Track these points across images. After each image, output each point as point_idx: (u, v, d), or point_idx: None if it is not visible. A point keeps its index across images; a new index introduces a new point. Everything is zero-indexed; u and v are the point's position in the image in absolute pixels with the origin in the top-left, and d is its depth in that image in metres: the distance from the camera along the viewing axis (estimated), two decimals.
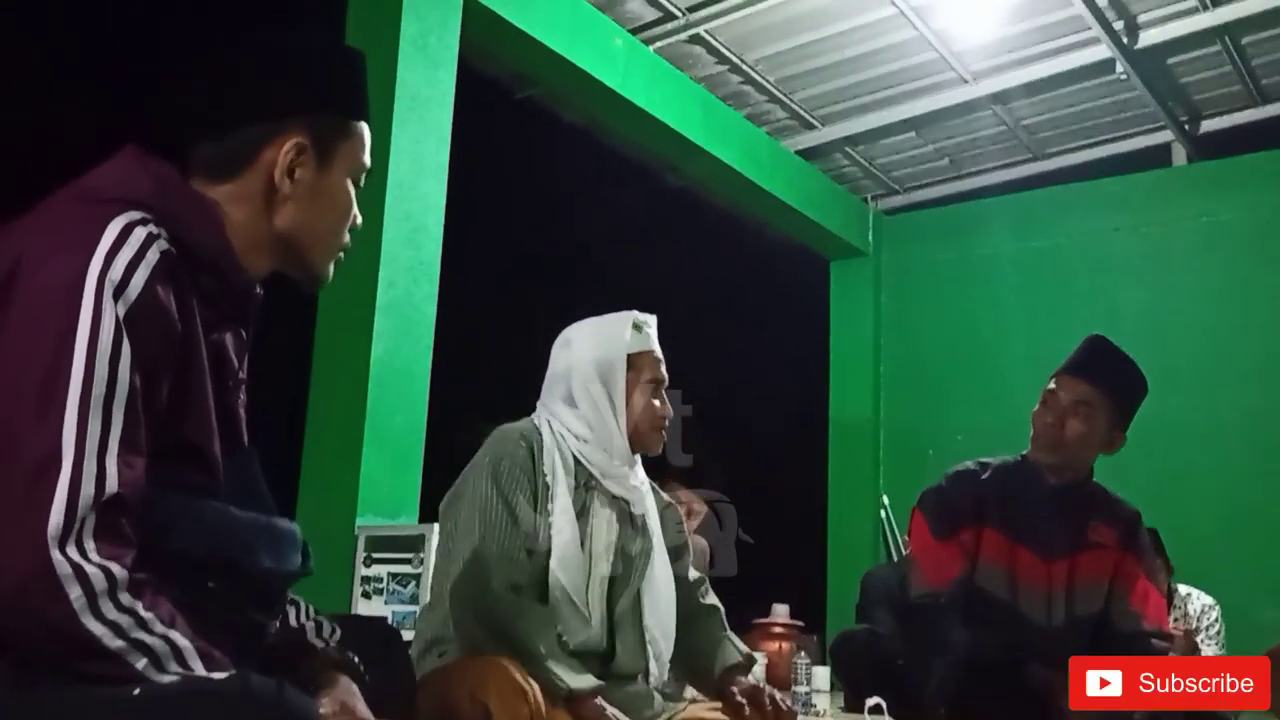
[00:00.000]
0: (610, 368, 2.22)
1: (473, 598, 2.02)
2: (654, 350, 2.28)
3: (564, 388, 2.25)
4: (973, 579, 2.76)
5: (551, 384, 2.29)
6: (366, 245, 4.33)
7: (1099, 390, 2.72)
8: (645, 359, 2.26)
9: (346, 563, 4.18)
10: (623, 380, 2.22)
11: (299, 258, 1.40)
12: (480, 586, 2.02)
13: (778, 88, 6.41)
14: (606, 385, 2.22)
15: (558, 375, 2.28)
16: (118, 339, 1.14)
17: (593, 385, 2.22)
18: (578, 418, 2.22)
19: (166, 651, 1.10)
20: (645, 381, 2.24)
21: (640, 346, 2.26)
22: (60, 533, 1.06)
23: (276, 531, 1.32)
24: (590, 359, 2.23)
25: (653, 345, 2.29)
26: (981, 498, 2.80)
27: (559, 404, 2.25)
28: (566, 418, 2.23)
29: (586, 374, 2.23)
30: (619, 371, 2.22)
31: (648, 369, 2.26)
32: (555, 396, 2.26)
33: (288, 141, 1.34)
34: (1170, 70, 6.09)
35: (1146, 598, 2.77)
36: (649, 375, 2.25)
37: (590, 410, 2.21)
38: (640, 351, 2.25)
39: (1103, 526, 2.81)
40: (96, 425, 1.11)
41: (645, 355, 2.26)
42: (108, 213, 1.20)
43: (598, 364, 2.22)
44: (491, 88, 5.71)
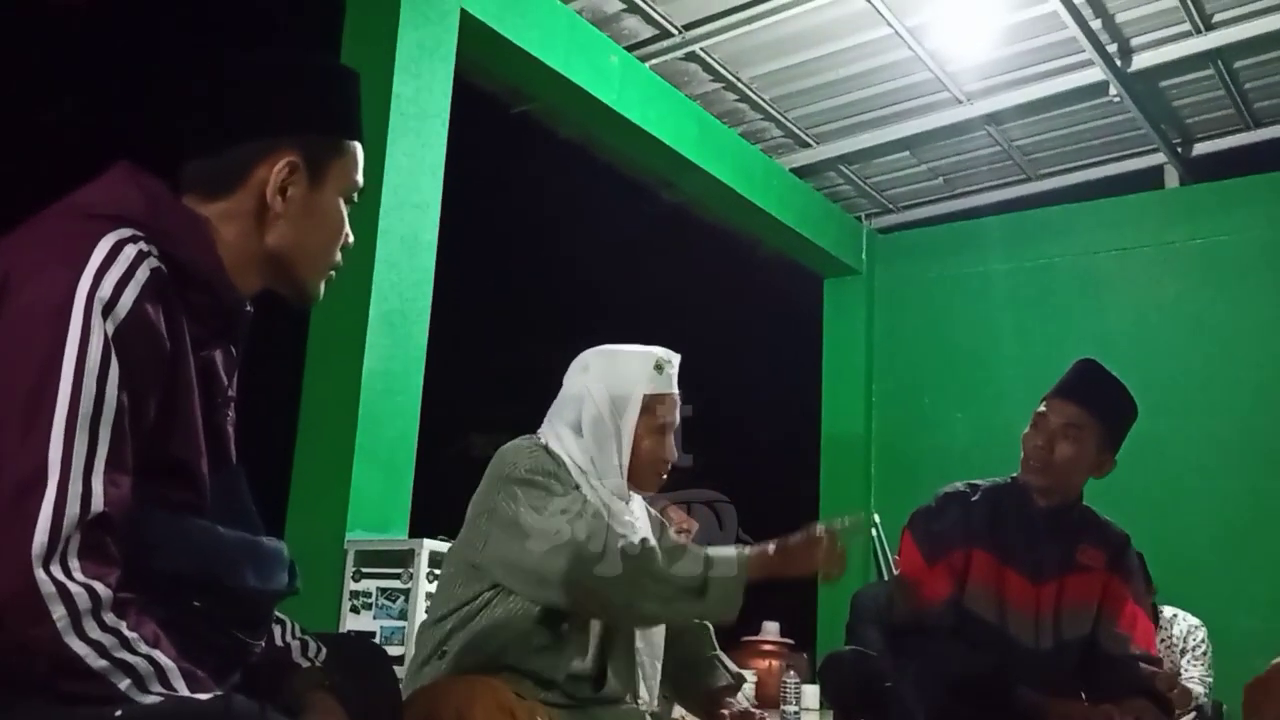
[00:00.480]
0: (624, 405, 2.16)
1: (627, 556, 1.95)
2: (672, 392, 2.21)
3: (574, 414, 2.19)
4: (961, 601, 2.76)
5: (561, 406, 2.23)
6: (360, 258, 4.32)
7: (1089, 413, 2.72)
8: (661, 401, 2.19)
9: (335, 577, 4.16)
10: (634, 421, 2.15)
11: (290, 276, 1.40)
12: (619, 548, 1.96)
13: (773, 106, 6.43)
14: (616, 422, 2.15)
15: (569, 399, 2.22)
16: (106, 357, 1.13)
17: (602, 421, 2.16)
18: (581, 448, 2.17)
19: (150, 671, 1.09)
20: (657, 424, 2.18)
21: (658, 389, 2.18)
22: (45, 551, 1.06)
23: (263, 550, 1.32)
24: (605, 392, 2.17)
25: (672, 388, 2.21)
26: (971, 520, 2.80)
27: (565, 428, 2.20)
28: (570, 444, 2.18)
29: (599, 407, 2.16)
30: (632, 412, 2.15)
31: (661, 412, 2.18)
32: (563, 420, 2.21)
33: (280, 160, 1.34)
34: (1163, 93, 6.12)
35: (1135, 621, 2.76)
36: (662, 419, 2.18)
37: (594, 443, 2.16)
38: (658, 393, 2.18)
39: (1091, 549, 2.80)
40: (83, 444, 1.10)
41: (663, 397, 2.19)
42: (98, 229, 1.20)
43: (612, 399, 2.16)
44: (487, 102, 5.73)
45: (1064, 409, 2.73)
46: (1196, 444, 6.20)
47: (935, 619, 2.73)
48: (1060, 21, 5.32)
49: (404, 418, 4.45)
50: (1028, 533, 2.77)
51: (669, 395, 2.21)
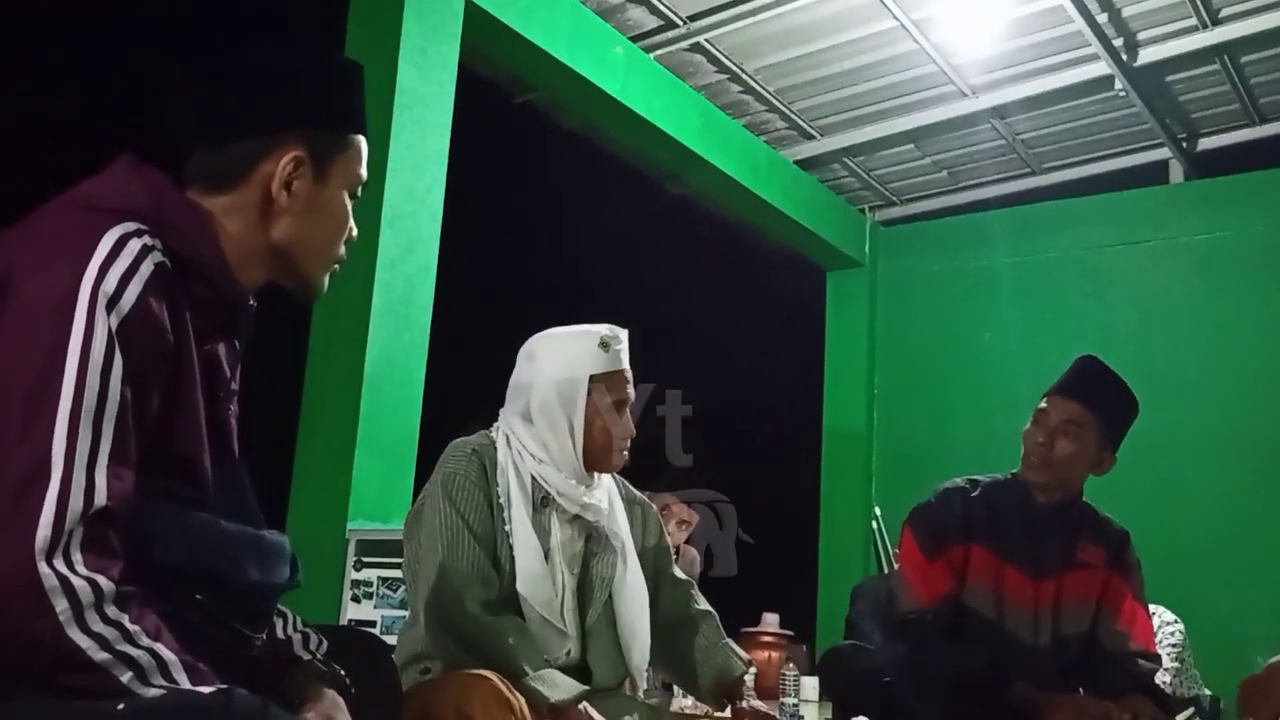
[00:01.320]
0: (571, 389, 2.15)
1: (445, 617, 2.00)
2: (622, 369, 2.20)
3: (523, 403, 2.19)
4: (960, 597, 2.77)
5: (513, 396, 2.23)
6: (363, 249, 4.32)
7: (1089, 410, 2.72)
8: (611, 379, 2.18)
9: (337, 566, 4.17)
10: (583, 403, 2.14)
11: (294, 270, 1.40)
12: (452, 605, 2.00)
13: (777, 98, 6.42)
14: (565, 407, 2.15)
15: (519, 388, 2.22)
16: (110, 351, 1.13)
17: (550, 407, 2.15)
18: (533, 436, 2.16)
19: (152, 664, 1.10)
20: (609, 403, 2.17)
21: (605, 366, 2.17)
22: (48, 545, 1.06)
23: (265, 544, 1.32)
24: (551, 378, 2.16)
25: (621, 364, 2.20)
26: (970, 515, 2.81)
27: (517, 419, 2.19)
28: (523, 435, 2.18)
29: (546, 393, 2.16)
30: (579, 394, 2.14)
31: (612, 390, 2.17)
32: (514, 410, 2.21)
33: (285, 154, 1.34)
34: (1168, 88, 6.11)
35: (1134, 618, 2.77)
36: (613, 396, 2.17)
37: (546, 430, 2.15)
38: (606, 371, 2.17)
39: (1091, 546, 2.81)
40: (86, 437, 1.11)
41: (611, 375, 2.18)
42: (102, 223, 1.20)
43: (558, 384, 2.15)
44: (490, 92, 5.72)
45: (1065, 406, 2.73)
46: (1199, 440, 6.20)
47: (934, 614, 2.74)
48: (1066, 15, 5.31)
49: (406, 408, 4.45)
50: (1027, 529, 2.78)
51: (618, 372, 2.20)
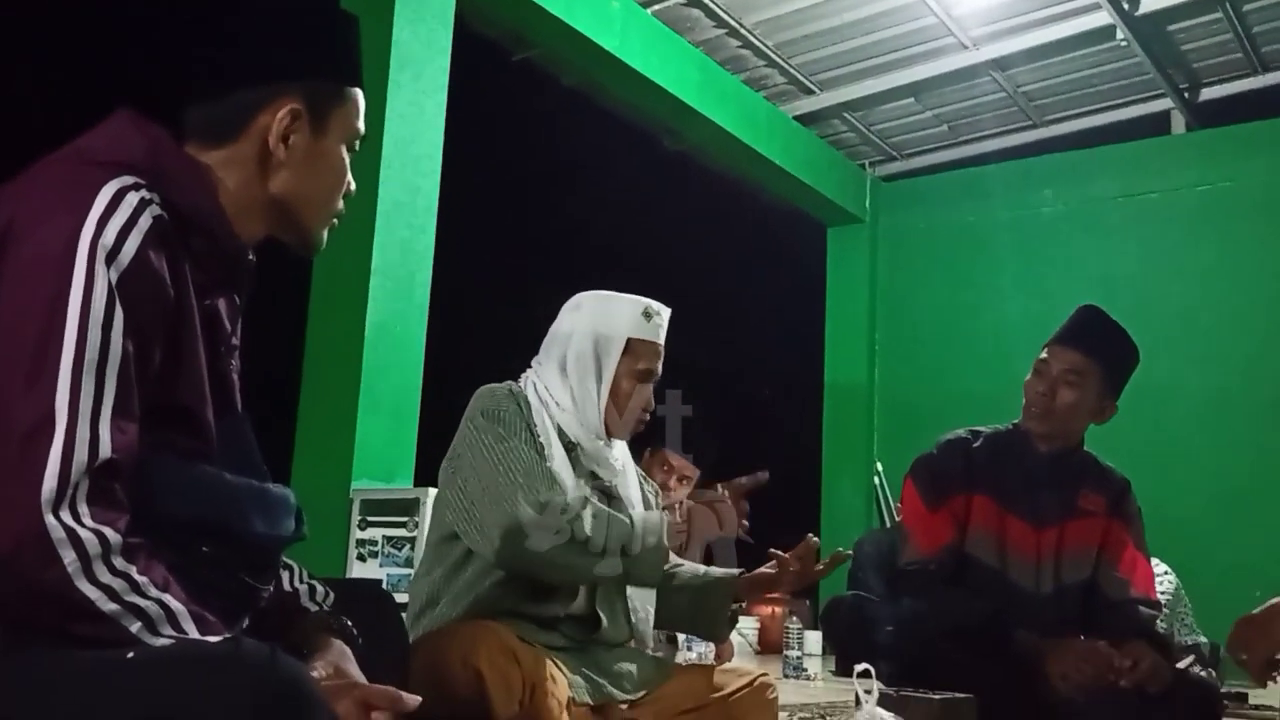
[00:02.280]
0: (608, 344, 2.19)
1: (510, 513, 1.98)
2: (657, 342, 2.24)
3: (560, 351, 2.23)
4: (962, 546, 2.78)
5: (550, 343, 2.27)
6: (362, 209, 4.32)
7: (1090, 360, 2.72)
8: (645, 347, 2.21)
9: (341, 526, 4.20)
10: (615, 361, 2.19)
11: (293, 224, 1.40)
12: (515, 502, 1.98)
13: (776, 52, 6.37)
14: (598, 361, 2.19)
15: (559, 337, 2.26)
16: (110, 304, 1.13)
17: (584, 358, 2.19)
18: (564, 385, 2.20)
19: (160, 615, 1.11)
20: (637, 369, 2.20)
21: (643, 334, 2.21)
22: (54, 497, 1.07)
23: (269, 497, 1.33)
24: (591, 330, 2.21)
25: (658, 337, 2.24)
26: (972, 465, 2.82)
27: (552, 367, 2.23)
28: (554, 384, 2.21)
29: (583, 344, 2.20)
30: (615, 351, 2.19)
31: (644, 358, 2.21)
32: (551, 358, 2.25)
33: (282, 107, 1.34)
34: (1170, 37, 6.06)
35: (1135, 565, 2.79)
36: (643, 364, 2.21)
37: (576, 381, 2.19)
38: (642, 339, 2.21)
39: (1092, 495, 2.82)
40: (89, 390, 1.11)
41: (647, 344, 2.21)
42: (101, 177, 1.19)
43: (596, 338, 2.20)
44: (488, 49, 5.68)
45: (1066, 356, 2.73)
46: (1199, 390, 6.22)
47: (936, 564, 2.76)
48: None
49: (408, 367, 4.46)
50: (1029, 478, 2.79)
51: (654, 344, 2.23)
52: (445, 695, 1.79)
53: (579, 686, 2.04)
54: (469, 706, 1.84)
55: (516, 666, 1.88)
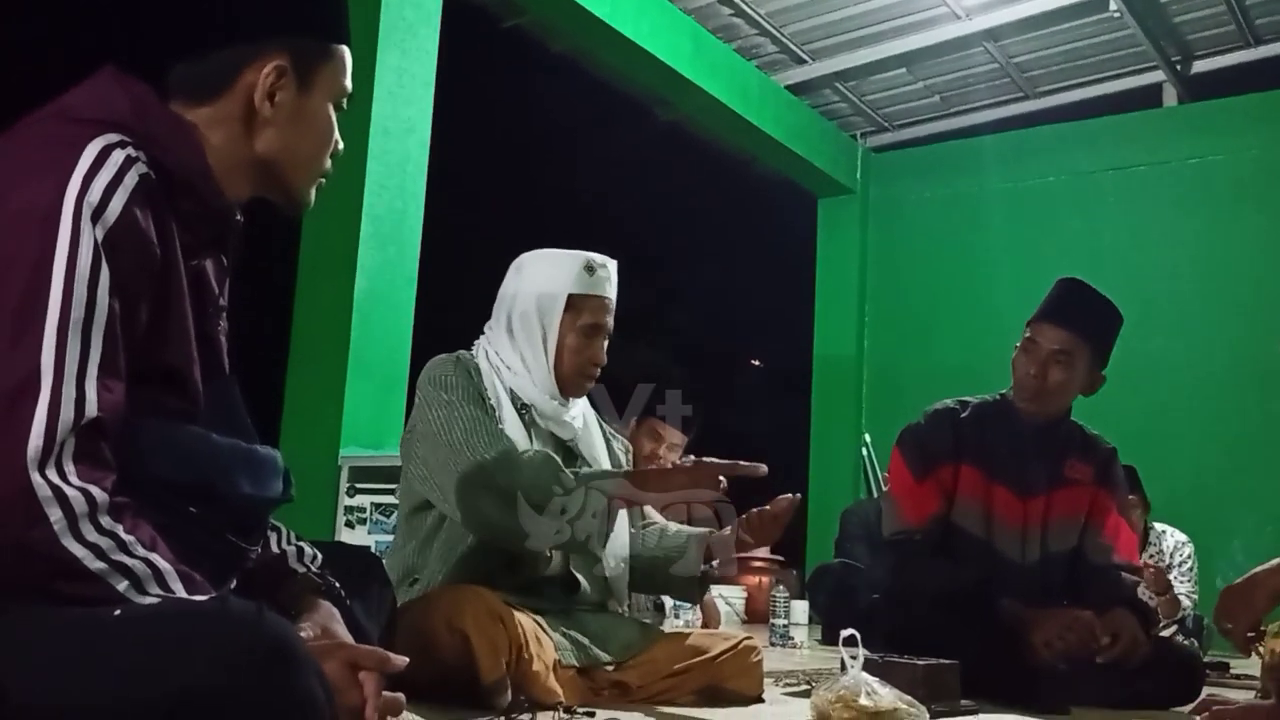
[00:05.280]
0: (549, 303, 2.18)
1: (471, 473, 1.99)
2: (603, 295, 2.22)
3: (505, 313, 2.24)
4: (949, 516, 2.80)
5: (498, 307, 2.27)
6: (351, 175, 4.29)
7: (1078, 337, 2.73)
8: (589, 302, 2.20)
9: (330, 493, 4.20)
10: (558, 319, 2.18)
11: (279, 182, 1.38)
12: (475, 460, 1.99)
13: (768, 20, 6.33)
14: (542, 320, 2.19)
15: (504, 300, 2.26)
16: (96, 262, 1.12)
17: (529, 318, 2.19)
18: (513, 349, 2.21)
19: (147, 574, 1.11)
20: (582, 325, 2.19)
21: (586, 289, 2.20)
22: (40, 455, 1.06)
23: (257, 458, 1.32)
24: (533, 291, 2.20)
25: (602, 290, 2.22)
26: (960, 435, 2.83)
27: (501, 330, 2.23)
28: (504, 347, 2.22)
29: (526, 304, 2.20)
30: (556, 309, 2.18)
31: (588, 313, 2.20)
32: (499, 321, 2.25)
33: (268, 64, 1.32)
34: (1163, 9, 6.04)
35: (1118, 532, 2.81)
36: (588, 319, 2.20)
37: (524, 342, 2.20)
38: (585, 294, 2.19)
39: (1079, 464, 2.84)
40: (75, 349, 1.10)
41: (590, 299, 2.20)
42: (85, 134, 1.18)
43: (538, 298, 2.19)
44: (478, 15, 5.63)
45: (1053, 334, 2.74)
46: (1189, 362, 6.25)
47: (923, 534, 2.78)
48: None
49: (397, 334, 4.45)
50: (1016, 448, 2.81)
51: (598, 298, 2.22)
52: (432, 658, 1.81)
53: (565, 649, 2.05)
54: (455, 669, 1.86)
55: (503, 629, 1.89)
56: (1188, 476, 5.89)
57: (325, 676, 1.08)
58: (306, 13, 1.37)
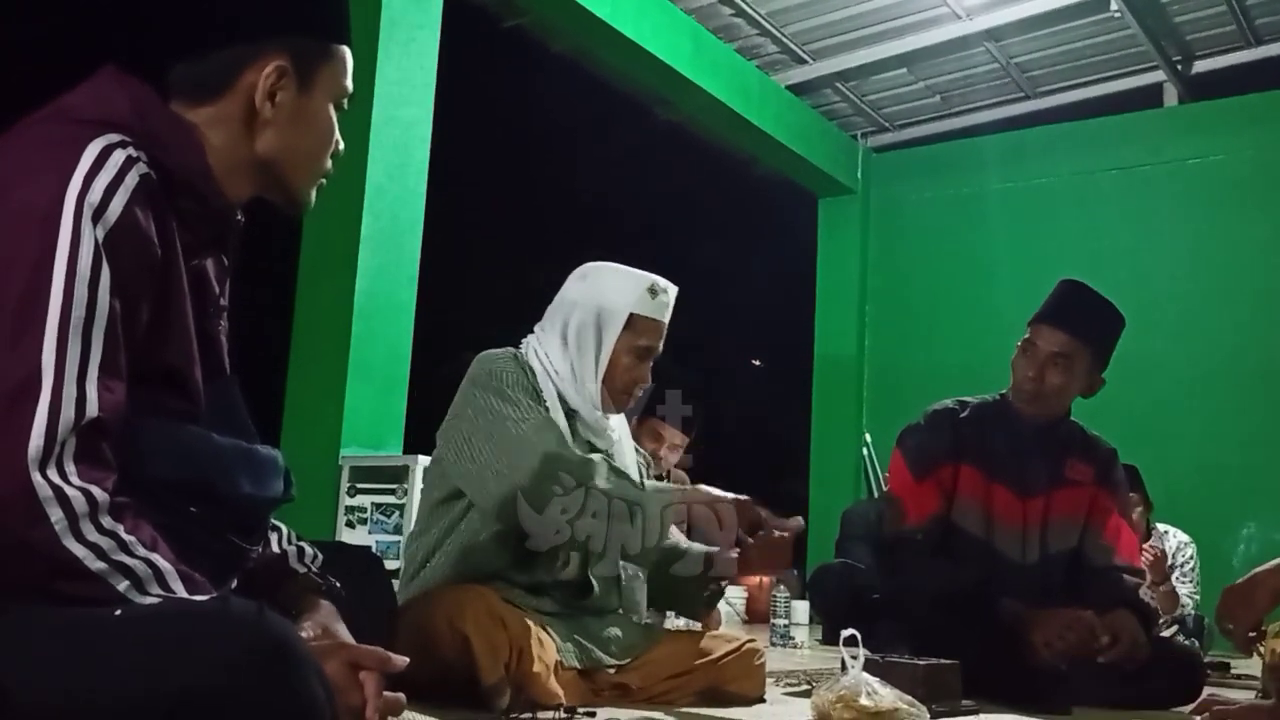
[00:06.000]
0: (610, 317, 2.19)
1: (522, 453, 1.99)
2: (660, 320, 2.23)
3: (562, 319, 2.23)
4: (949, 516, 2.80)
5: (554, 311, 2.27)
6: (351, 176, 4.30)
7: (1077, 340, 2.72)
8: (647, 324, 2.21)
9: (330, 493, 4.20)
10: (615, 334, 2.19)
11: (280, 182, 1.38)
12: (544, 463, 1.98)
13: (769, 20, 6.33)
14: (598, 333, 2.19)
15: (563, 304, 2.26)
16: (97, 262, 1.12)
17: (585, 329, 2.19)
18: (564, 354, 2.21)
19: (148, 574, 1.11)
20: (637, 345, 2.20)
21: (646, 311, 2.21)
22: (40, 455, 1.06)
23: (258, 458, 1.32)
24: (595, 302, 2.20)
25: (662, 315, 2.23)
26: (960, 436, 2.83)
27: (554, 335, 2.23)
28: (554, 352, 2.21)
29: (585, 315, 2.20)
30: (616, 325, 2.19)
31: (645, 335, 2.21)
32: (554, 325, 2.25)
33: (269, 64, 1.32)
34: (1163, 9, 6.04)
35: (1119, 533, 2.81)
36: (645, 341, 2.21)
37: (576, 351, 2.20)
38: (646, 316, 2.21)
39: (1079, 464, 2.84)
40: (76, 349, 1.10)
41: (650, 321, 2.21)
42: (86, 134, 1.18)
43: (600, 310, 2.20)
44: (478, 15, 5.63)
45: (1053, 337, 2.73)
46: (1190, 362, 6.24)
47: (923, 534, 2.77)
48: None
49: (397, 335, 4.45)
50: (1016, 448, 2.80)
51: (655, 321, 2.23)
52: (432, 658, 1.81)
53: (567, 651, 2.05)
54: (456, 670, 1.86)
55: (503, 630, 1.89)
56: (1189, 476, 5.88)
57: (326, 676, 1.08)
58: (307, 13, 1.37)
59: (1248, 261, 6.28)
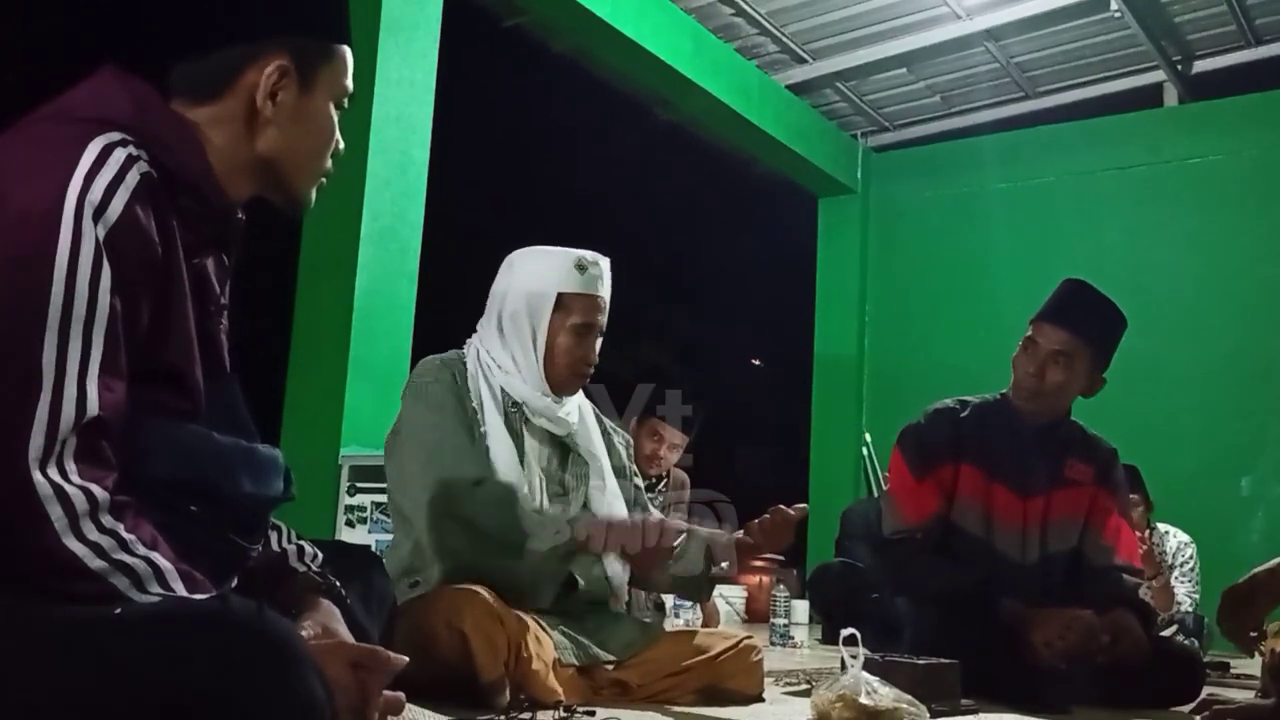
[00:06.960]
0: (539, 302, 2.18)
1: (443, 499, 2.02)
2: (595, 294, 2.21)
3: (496, 312, 2.23)
4: (949, 516, 2.80)
5: (489, 306, 2.27)
6: (352, 175, 4.30)
7: (1078, 338, 2.72)
8: (579, 300, 2.19)
9: (330, 492, 4.20)
10: (547, 317, 2.17)
11: (280, 182, 1.38)
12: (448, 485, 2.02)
13: (769, 20, 6.33)
14: (531, 319, 2.18)
15: (495, 297, 2.25)
16: (98, 261, 1.12)
17: (519, 317, 2.19)
18: (504, 348, 2.20)
19: (148, 573, 1.11)
20: (573, 324, 2.18)
21: (577, 287, 2.18)
22: (41, 454, 1.06)
23: (258, 457, 1.32)
24: (523, 289, 2.20)
25: (594, 289, 2.21)
26: (960, 435, 2.83)
27: (492, 329, 2.23)
28: (494, 347, 2.21)
29: (516, 303, 2.20)
30: (546, 308, 2.17)
31: (579, 312, 2.19)
32: (491, 319, 2.25)
33: (270, 64, 1.32)
34: (1163, 9, 6.04)
35: (1119, 533, 2.81)
36: (579, 318, 2.19)
37: (514, 340, 2.19)
38: (576, 292, 2.18)
39: (1079, 464, 2.84)
40: (76, 348, 1.10)
41: (581, 297, 2.19)
42: (86, 133, 1.18)
43: (528, 296, 2.19)
44: (478, 15, 5.63)
45: (1054, 335, 2.73)
46: (1190, 362, 6.24)
47: (923, 533, 2.78)
48: None
49: (398, 334, 4.45)
50: (1016, 448, 2.80)
51: (590, 296, 2.21)
52: (431, 657, 1.81)
53: (564, 648, 2.05)
54: (455, 669, 1.86)
55: (501, 629, 1.89)
56: (1189, 476, 5.89)
57: (326, 676, 1.08)
58: (308, 13, 1.37)
59: (1248, 261, 6.28)
